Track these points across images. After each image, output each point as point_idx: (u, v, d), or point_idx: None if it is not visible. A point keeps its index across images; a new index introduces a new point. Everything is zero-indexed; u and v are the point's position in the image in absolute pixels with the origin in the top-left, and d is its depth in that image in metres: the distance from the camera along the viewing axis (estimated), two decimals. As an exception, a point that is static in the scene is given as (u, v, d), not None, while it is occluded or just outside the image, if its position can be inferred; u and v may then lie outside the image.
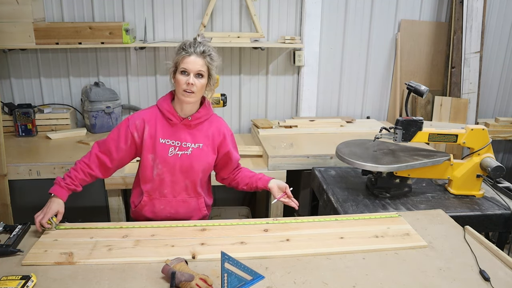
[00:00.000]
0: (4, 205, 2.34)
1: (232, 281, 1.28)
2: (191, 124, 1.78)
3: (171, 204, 1.85)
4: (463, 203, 2.02)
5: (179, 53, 1.69)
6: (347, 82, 3.52)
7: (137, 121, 1.78)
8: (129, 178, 2.42)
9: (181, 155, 1.77)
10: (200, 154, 1.80)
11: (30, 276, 1.28)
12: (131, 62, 3.18)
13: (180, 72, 1.68)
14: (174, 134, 1.78)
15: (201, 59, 1.68)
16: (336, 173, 2.41)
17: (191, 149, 1.78)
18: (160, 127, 1.78)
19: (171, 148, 1.77)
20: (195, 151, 1.79)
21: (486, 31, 3.50)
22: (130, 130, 1.77)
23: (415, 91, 2.06)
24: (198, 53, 1.67)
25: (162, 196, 1.83)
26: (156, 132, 1.77)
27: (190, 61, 1.66)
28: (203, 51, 1.68)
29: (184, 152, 1.78)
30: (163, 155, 1.77)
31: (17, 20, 2.73)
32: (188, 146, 1.78)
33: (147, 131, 1.77)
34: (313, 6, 3.19)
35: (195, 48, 1.67)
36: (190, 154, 1.78)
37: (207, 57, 1.70)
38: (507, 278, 1.38)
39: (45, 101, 3.16)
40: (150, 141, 1.77)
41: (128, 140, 1.78)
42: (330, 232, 1.65)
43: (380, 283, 1.34)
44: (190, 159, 1.78)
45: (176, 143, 1.77)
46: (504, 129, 3.47)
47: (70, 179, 1.74)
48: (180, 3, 3.10)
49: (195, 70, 1.67)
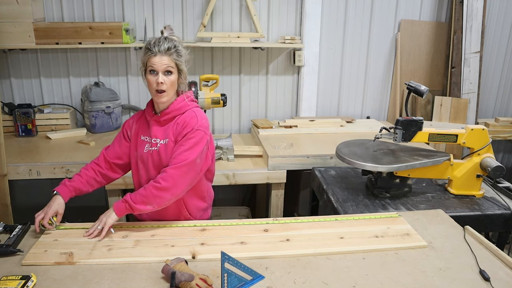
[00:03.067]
0: (4, 205, 2.34)
1: (232, 281, 1.28)
2: (160, 120, 1.77)
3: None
4: (463, 203, 2.02)
5: (146, 53, 1.68)
6: (347, 82, 3.52)
7: (130, 120, 1.87)
8: (129, 178, 2.41)
9: (152, 151, 1.77)
10: (167, 150, 1.74)
11: (30, 276, 1.28)
12: (131, 62, 3.18)
13: (149, 72, 1.69)
14: (148, 130, 1.80)
15: (167, 57, 1.67)
16: (336, 173, 2.41)
17: (159, 145, 1.76)
18: (141, 125, 1.83)
19: (146, 145, 1.79)
20: (163, 147, 1.75)
21: (486, 31, 3.50)
22: (125, 129, 1.86)
23: (415, 91, 2.06)
24: (163, 51, 1.66)
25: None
26: (139, 130, 1.83)
27: (156, 61, 1.66)
28: (167, 48, 1.66)
29: (154, 148, 1.76)
30: (141, 152, 1.79)
31: (17, 20, 2.73)
32: (157, 142, 1.77)
33: (133, 129, 1.84)
34: (313, 6, 3.20)
35: (160, 46, 1.65)
36: (158, 150, 1.75)
37: (174, 53, 1.68)
38: (507, 278, 1.38)
39: (45, 101, 3.16)
40: (134, 139, 1.83)
41: (126, 137, 1.85)
42: (330, 232, 1.65)
43: (380, 283, 1.34)
44: (159, 155, 1.75)
45: (149, 139, 1.79)
46: (504, 129, 3.47)
47: (79, 177, 1.77)
48: (180, 3, 3.10)
49: (162, 68, 1.67)
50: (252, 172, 2.52)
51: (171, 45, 1.67)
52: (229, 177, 2.52)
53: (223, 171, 2.50)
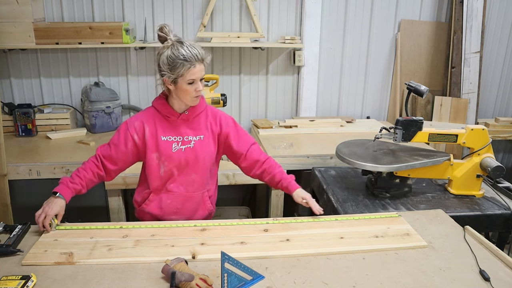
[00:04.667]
0: (4, 205, 2.33)
1: (232, 281, 1.28)
2: (189, 117, 1.81)
3: (178, 199, 1.87)
4: (463, 203, 2.02)
5: (181, 65, 1.65)
6: (347, 82, 3.52)
7: (136, 123, 1.80)
8: (129, 178, 2.42)
9: (184, 149, 1.80)
10: (203, 145, 1.83)
11: (30, 276, 1.28)
12: (131, 62, 3.18)
13: (187, 83, 1.69)
14: (175, 130, 1.81)
15: (201, 65, 1.70)
16: (336, 173, 2.41)
17: (193, 142, 1.81)
18: (160, 126, 1.80)
19: (174, 144, 1.80)
20: (197, 143, 1.82)
21: (486, 31, 3.50)
22: (130, 133, 1.79)
23: (415, 91, 2.06)
24: (199, 60, 1.68)
25: (168, 191, 1.86)
26: (157, 131, 1.80)
27: (196, 71, 1.68)
28: (199, 53, 1.68)
29: (187, 146, 1.81)
30: (167, 152, 1.79)
31: (17, 20, 2.73)
32: (190, 139, 1.81)
33: (147, 132, 1.79)
34: (313, 6, 3.20)
35: (194, 54, 1.66)
36: (193, 147, 1.81)
37: (206, 57, 1.72)
38: (507, 278, 1.38)
39: (45, 101, 3.16)
40: (152, 141, 1.80)
41: (128, 142, 1.79)
42: (330, 232, 1.65)
43: (380, 283, 1.34)
44: (194, 152, 1.81)
45: (178, 138, 1.80)
46: (504, 129, 3.47)
47: (79, 178, 1.74)
48: (180, 3, 3.11)
49: (201, 76, 1.71)
50: (252, 172, 2.52)
51: (199, 51, 1.70)
52: (229, 177, 2.53)
53: (223, 171, 2.50)
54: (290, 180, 1.88)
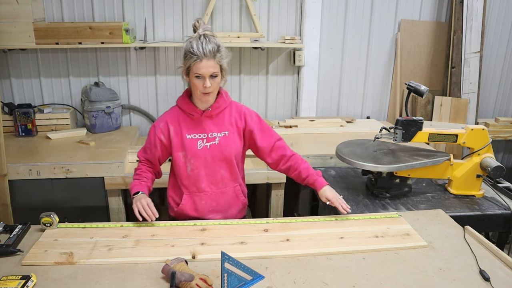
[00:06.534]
0: (4, 205, 2.33)
1: (232, 281, 1.28)
2: (212, 114, 1.82)
3: (212, 197, 1.88)
4: (463, 203, 2.02)
5: (189, 57, 1.67)
6: (347, 82, 3.52)
7: (161, 124, 1.84)
8: (129, 178, 2.42)
9: (210, 146, 1.82)
10: (227, 141, 1.83)
11: (30, 276, 1.28)
12: (131, 62, 3.18)
13: (194, 77, 1.69)
14: (199, 127, 1.82)
15: (212, 61, 1.67)
16: (336, 173, 2.41)
17: (218, 138, 1.82)
18: (184, 124, 1.82)
19: (199, 142, 1.81)
20: (222, 139, 1.82)
21: (486, 31, 3.50)
22: (157, 136, 1.83)
23: (415, 91, 2.06)
24: (208, 55, 1.66)
25: (200, 191, 1.87)
26: (181, 130, 1.82)
27: (202, 66, 1.66)
28: (212, 50, 1.66)
29: (212, 143, 1.82)
30: (193, 150, 1.81)
31: (17, 20, 2.73)
32: (214, 136, 1.82)
33: (172, 131, 1.82)
34: (313, 6, 3.19)
35: (204, 49, 1.65)
36: (218, 143, 1.82)
37: (217, 55, 1.69)
38: (507, 278, 1.38)
39: (45, 101, 3.16)
40: (177, 139, 1.82)
41: (157, 145, 1.84)
42: (330, 232, 1.65)
43: (380, 283, 1.34)
44: (220, 148, 1.82)
45: (203, 135, 1.82)
46: (504, 129, 3.47)
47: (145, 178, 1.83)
48: (180, 3, 3.10)
49: (209, 73, 1.69)
50: (252, 172, 2.52)
51: (215, 46, 1.68)
52: (229, 177, 2.52)
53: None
54: (317, 177, 1.87)
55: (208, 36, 1.69)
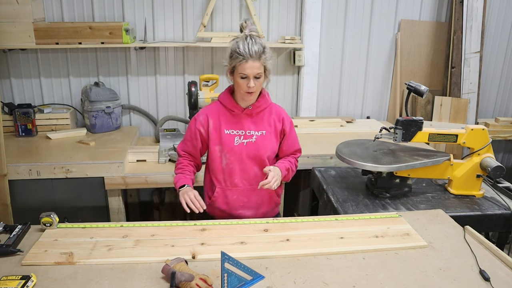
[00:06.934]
0: (4, 205, 2.33)
1: (232, 281, 1.28)
2: (253, 113, 1.84)
3: (243, 193, 1.90)
4: (463, 203, 2.02)
5: (235, 57, 1.69)
6: (347, 82, 3.52)
7: (201, 117, 1.87)
8: (129, 178, 2.42)
9: (246, 143, 1.84)
10: (264, 141, 1.86)
11: (30, 276, 1.28)
12: (131, 62, 3.18)
13: (239, 77, 1.71)
14: (238, 124, 1.84)
15: (257, 62, 1.69)
16: (336, 173, 2.41)
17: (255, 136, 1.85)
18: (224, 119, 1.84)
19: (236, 138, 1.83)
20: (259, 138, 1.85)
21: (486, 31, 3.50)
22: (197, 127, 1.87)
23: (415, 91, 2.06)
24: (254, 56, 1.67)
25: (233, 185, 1.89)
26: (220, 124, 1.84)
27: (248, 67, 1.68)
28: (257, 52, 1.68)
29: (249, 140, 1.84)
30: (229, 145, 1.83)
31: (17, 20, 2.73)
32: (252, 134, 1.84)
33: (211, 124, 1.85)
34: (313, 6, 3.20)
35: (250, 50, 1.67)
36: (255, 142, 1.84)
37: (262, 56, 1.70)
38: (507, 278, 1.38)
39: (45, 101, 3.16)
40: (215, 133, 1.84)
41: (197, 136, 1.88)
42: (330, 232, 1.65)
43: (380, 283, 1.34)
44: (256, 146, 1.84)
45: (241, 132, 1.84)
46: (504, 129, 3.47)
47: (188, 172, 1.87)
48: (180, 3, 3.10)
49: (254, 74, 1.70)
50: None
51: (260, 47, 1.69)
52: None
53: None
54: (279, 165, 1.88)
55: (254, 37, 1.72)
